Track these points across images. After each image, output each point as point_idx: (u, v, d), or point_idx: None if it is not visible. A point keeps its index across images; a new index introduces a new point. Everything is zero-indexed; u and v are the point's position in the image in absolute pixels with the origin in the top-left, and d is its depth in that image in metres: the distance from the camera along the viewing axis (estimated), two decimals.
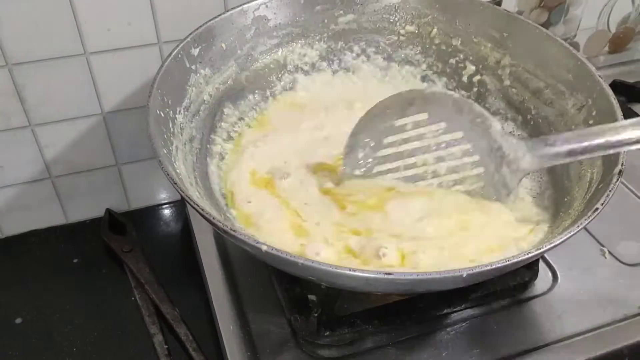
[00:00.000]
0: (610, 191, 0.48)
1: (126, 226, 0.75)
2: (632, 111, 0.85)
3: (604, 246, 0.66)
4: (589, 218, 0.46)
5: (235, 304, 0.60)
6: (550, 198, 0.60)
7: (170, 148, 0.54)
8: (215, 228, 0.46)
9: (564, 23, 0.90)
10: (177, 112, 0.58)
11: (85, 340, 0.64)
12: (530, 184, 0.63)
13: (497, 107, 0.70)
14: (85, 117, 0.69)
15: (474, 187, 0.57)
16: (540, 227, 0.56)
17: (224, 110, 0.66)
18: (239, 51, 0.66)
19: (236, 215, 0.59)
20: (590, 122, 0.58)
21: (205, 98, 0.63)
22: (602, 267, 0.64)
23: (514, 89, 0.68)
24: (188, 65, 0.61)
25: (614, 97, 0.56)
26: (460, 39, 0.71)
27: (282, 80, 0.71)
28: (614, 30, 0.95)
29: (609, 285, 0.62)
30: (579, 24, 0.91)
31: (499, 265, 0.43)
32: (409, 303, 0.58)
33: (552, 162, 0.54)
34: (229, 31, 0.65)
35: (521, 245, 0.53)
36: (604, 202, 0.47)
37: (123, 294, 0.68)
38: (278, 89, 0.71)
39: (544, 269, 0.64)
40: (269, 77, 0.70)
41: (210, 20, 0.63)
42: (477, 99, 0.71)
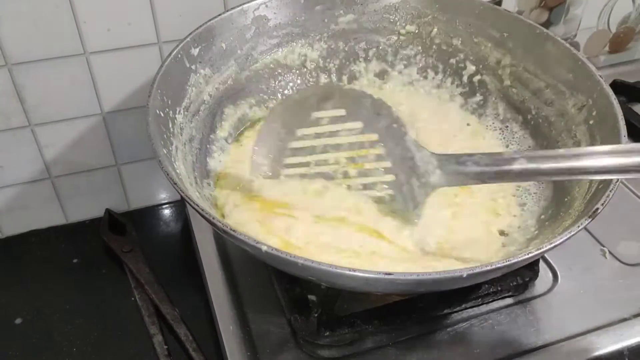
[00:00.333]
0: (610, 191, 0.48)
1: (126, 226, 0.75)
2: (633, 111, 0.85)
3: (604, 246, 0.66)
4: (589, 218, 0.46)
5: (235, 304, 0.60)
6: (550, 198, 0.60)
7: (170, 148, 0.54)
8: (215, 228, 0.46)
9: (564, 23, 0.90)
10: (177, 112, 0.58)
11: (85, 340, 0.64)
12: (531, 183, 0.63)
13: (498, 107, 0.70)
14: (85, 117, 0.69)
15: (382, 195, 0.55)
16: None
17: (224, 110, 0.66)
18: (239, 51, 0.66)
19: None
20: (591, 122, 0.58)
21: (205, 98, 0.63)
22: (603, 267, 0.64)
23: (514, 89, 0.68)
24: (188, 65, 0.61)
25: (614, 97, 0.56)
26: (460, 39, 0.71)
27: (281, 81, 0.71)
28: (614, 30, 0.95)
29: (609, 285, 0.62)
30: (579, 24, 0.91)
31: (499, 266, 0.43)
32: (409, 303, 0.58)
33: (462, 182, 0.52)
34: (229, 31, 0.65)
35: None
36: (605, 202, 0.47)
37: (123, 294, 0.68)
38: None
39: (545, 269, 0.64)
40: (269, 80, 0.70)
41: (210, 20, 0.63)
42: (478, 99, 0.71)
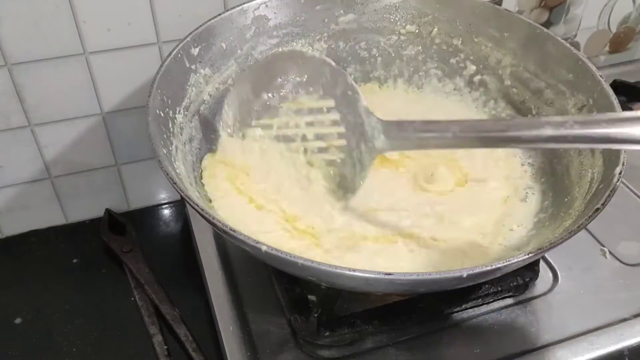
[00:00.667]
0: (611, 191, 0.48)
1: (126, 226, 0.75)
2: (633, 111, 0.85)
3: (604, 246, 0.66)
4: (589, 218, 0.46)
5: (235, 304, 0.60)
6: (551, 198, 0.60)
7: (170, 148, 0.54)
8: (215, 228, 0.45)
9: (565, 23, 0.90)
10: (177, 112, 0.58)
11: (85, 341, 0.64)
12: (531, 183, 0.63)
13: (498, 107, 0.70)
14: (84, 117, 0.69)
15: (335, 158, 0.58)
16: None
17: (224, 110, 0.66)
18: (239, 51, 0.66)
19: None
20: None
21: (205, 98, 0.63)
22: (603, 267, 0.64)
23: (514, 88, 0.68)
24: (188, 65, 0.60)
25: (615, 97, 0.56)
26: (460, 39, 0.71)
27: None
28: (614, 29, 0.95)
29: (609, 285, 0.62)
30: (580, 24, 0.91)
31: (500, 266, 0.43)
32: (409, 303, 0.58)
33: (403, 148, 0.55)
34: (229, 31, 0.64)
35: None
36: (605, 202, 0.47)
37: (123, 294, 0.68)
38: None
39: (545, 269, 0.64)
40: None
41: (210, 20, 0.63)
42: (479, 99, 0.71)
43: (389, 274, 0.42)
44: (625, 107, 0.71)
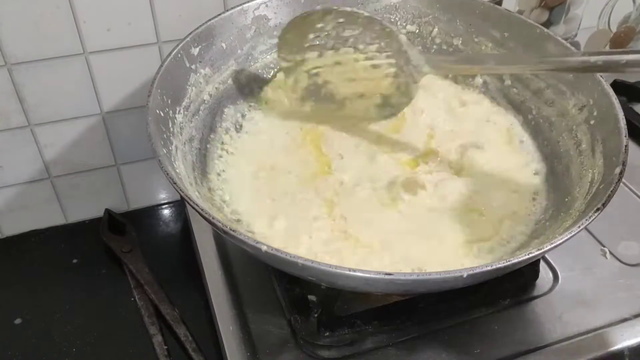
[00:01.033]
0: (611, 191, 0.48)
1: (125, 226, 0.75)
2: (633, 111, 0.85)
3: (604, 246, 0.66)
4: (590, 218, 0.46)
5: (235, 304, 0.60)
6: (551, 198, 0.60)
7: (169, 148, 0.54)
8: (215, 228, 0.45)
9: (565, 23, 0.89)
10: (177, 112, 0.58)
11: (84, 341, 0.64)
12: (532, 183, 0.63)
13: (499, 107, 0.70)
14: (84, 117, 0.69)
15: (388, 72, 0.63)
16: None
17: (224, 110, 0.66)
18: (239, 51, 0.66)
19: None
20: (592, 122, 0.58)
21: (205, 98, 0.63)
22: (603, 268, 0.64)
23: (514, 89, 0.68)
24: (188, 65, 0.60)
25: (615, 97, 0.56)
26: (461, 39, 0.71)
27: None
28: (614, 29, 0.95)
29: (609, 285, 0.62)
30: (580, 24, 0.91)
31: (500, 266, 0.43)
32: (409, 303, 0.58)
33: (446, 72, 0.68)
34: (229, 31, 0.64)
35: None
36: (605, 202, 0.47)
37: (122, 295, 0.68)
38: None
39: (545, 269, 0.63)
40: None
41: (210, 20, 0.63)
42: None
43: (389, 274, 0.42)
44: (625, 107, 0.71)
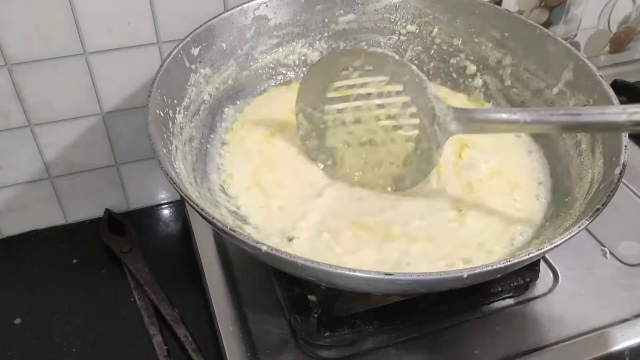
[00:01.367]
0: (611, 191, 0.48)
1: (125, 226, 0.75)
2: None
3: (605, 246, 0.66)
4: (590, 218, 0.46)
5: (235, 305, 0.60)
6: (551, 198, 0.60)
7: (169, 148, 0.54)
8: (215, 228, 0.45)
9: (565, 23, 0.89)
10: (177, 112, 0.58)
11: (84, 341, 0.64)
12: (531, 183, 0.63)
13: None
14: (84, 117, 0.69)
15: (410, 134, 0.59)
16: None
17: (224, 110, 0.66)
18: (239, 51, 0.66)
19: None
20: None
21: (205, 98, 0.63)
22: (603, 268, 0.64)
23: (514, 89, 0.68)
24: (188, 65, 0.60)
25: (615, 97, 0.56)
26: (461, 39, 0.71)
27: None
28: (614, 29, 0.95)
29: (610, 285, 0.62)
30: (580, 24, 0.91)
31: (500, 266, 0.43)
32: (409, 303, 0.58)
33: (474, 132, 0.58)
34: (229, 31, 0.64)
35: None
36: (605, 203, 0.47)
37: (122, 295, 0.68)
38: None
39: (545, 269, 0.63)
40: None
41: (210, 20, 0.63)
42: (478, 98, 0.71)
43: (389, 274, 0.42)
44: None
